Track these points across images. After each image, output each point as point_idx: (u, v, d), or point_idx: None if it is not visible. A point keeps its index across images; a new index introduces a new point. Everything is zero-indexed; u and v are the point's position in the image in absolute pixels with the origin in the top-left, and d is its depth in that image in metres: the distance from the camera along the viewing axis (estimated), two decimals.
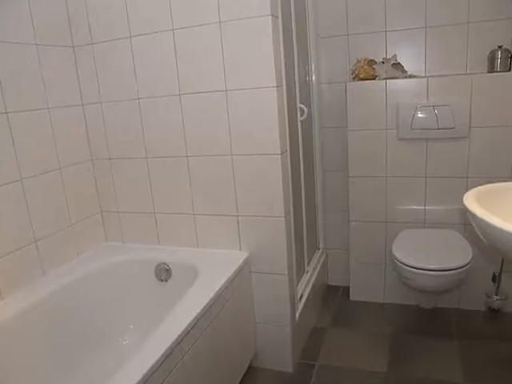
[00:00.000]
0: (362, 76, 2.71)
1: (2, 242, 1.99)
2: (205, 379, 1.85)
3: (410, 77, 2.69)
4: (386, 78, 2.68)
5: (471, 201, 1.45)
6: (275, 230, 2.21)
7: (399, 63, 2.70)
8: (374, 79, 2.71)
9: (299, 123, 2.54)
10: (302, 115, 2.53)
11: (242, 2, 1.97)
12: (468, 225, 2.69)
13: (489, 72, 2.56)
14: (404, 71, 2.71)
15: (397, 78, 2.67)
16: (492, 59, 2.53)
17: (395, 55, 2.71)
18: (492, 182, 1.65)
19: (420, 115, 2.62)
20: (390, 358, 2.44)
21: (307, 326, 2.70)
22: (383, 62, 2.71)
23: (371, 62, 2.72)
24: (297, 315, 2.43)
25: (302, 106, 2.52)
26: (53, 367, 2.02)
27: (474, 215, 1.37)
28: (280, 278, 2.27)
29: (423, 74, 2.73)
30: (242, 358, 2.28)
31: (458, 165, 2.65)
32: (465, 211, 1.46)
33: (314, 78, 2.89)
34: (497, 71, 2.52)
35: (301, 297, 2.58)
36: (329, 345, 2.60)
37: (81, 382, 2.06)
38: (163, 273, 2.34)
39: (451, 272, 2.28)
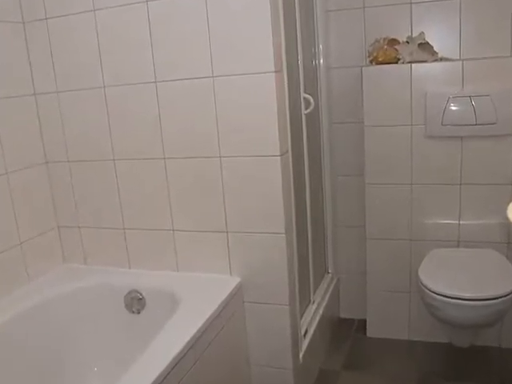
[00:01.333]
0: (381, 59, 2.74)
1: None
2: None
3: (441, 60, 2.72)
4: (411, 62, 2.71)
5: None
6: (274, 249, 2.22)
7: (427, 43, 2.73)
8: (396, 63, 2.74)
9: (304, 117, 2.57)
10: (307, 107, 2.56)
11: None
12: None
13: None
14: (433, 53, 2.73)
15: (424, 61, 2.70)
16: None
17: (422, 33, 2.75)
18: None
19: (453, 107, 2.65)
20: None
21: (313, 368, 2.72)
22: (408, 42, 2.74)
23: (393, 42, 2.74)
24: (300, 355, 2.45)
25: (307, 96, 2.54)
26: None
27: None
28: (280, 309, 2.28)
29: (457, 57, 2.75)
30: None
31: (501, 169, 2.68)
32: (509, 226, 1.48)
33: (321, 61, 2.93)
34: None
35: (305, 333, 2.59)
36: None
37: None
38: (135, 303, 2.34)
39: (491, 302, 2.30)
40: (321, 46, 2.90)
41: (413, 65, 2.69)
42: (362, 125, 2.84)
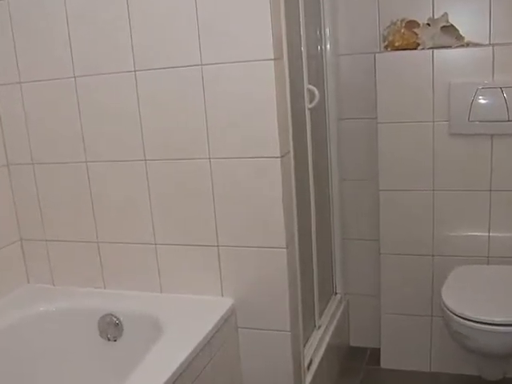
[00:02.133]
0: (398, 44, 2.75)
1: None
2: None
3: (468, 45, 2.73)
4: (432, 47, 2.72)
5: None
6: (273, 266, 2.22)
7: (452, 26, 2.74)
8: (415, 49, 2.75)
9: (308, 112, 2.57)
10: (311, 101, 2.56)
11: None
12: None
13: None
14: (459, 37, 2.74)
15: (448, 46, 2.71)
16: None
17: (446, 14, 2.75)
18: None
19: (482, 100, 2.67)
20: None
21: None
22: (429, 25, 2.75)
23: (412, 25, 2.75)
24: None
25: (311, 87, 2.54)
26: None
27: None
28: (280, 336, 2.28)
29: (487, 42, 2.76)
30: None
31: None
32: None
33: (328, 47, 2.94)
34: None
35: (310, 363, 2.59)
36: None
37: None
38: (111, 329, 2.34)
39: None
40: (327, 29, 2.92)
41: (435, 51, 2.70)
42: (375, 121, 2.85)
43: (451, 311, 2.43)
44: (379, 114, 2.82)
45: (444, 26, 2.72)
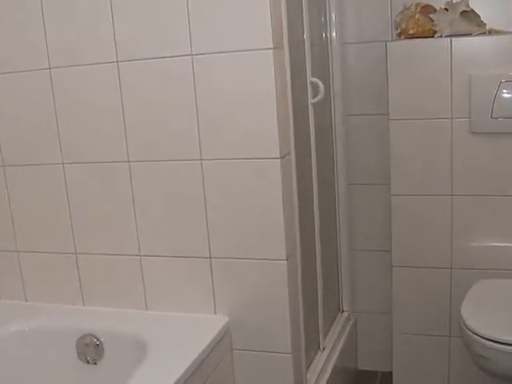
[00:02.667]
0: (412, 32, 2.75)
1: None
2: None
3: (490, 33, 2.72)
4: (451, 35, 2.71)
5: None
6: (272, 280, 2.22)
7: (472, 11, 2.73)
8: (431, 37, 2.74)
9: (311, 108, 2.56)
10: (315, 95, 2.54)
11: None
12: None
13: None
14: (480, 24, 2.73)
15: (469, 34, 2.70)
16: None
17: None
18: None
19: (506, 95, 2.66)
20: None
21: None
22: (447, 10, 2.74)
23: (427, 10, 2.75)
24: None
25: (315, 80, 2.53)
26: None
27: None
28: (280, 359, 2.28)
29: (511, 29, 2.75)
30: None
31: None
32: None
33: (334, 35, 2.93)
34: None
35: None
36: None
37: None
38: (90, 350, 2.34)
39: None
40: (333, 15, 2.91)
41: (453, 39, 2.68)
42: (386, 118, 2.85)
43: (472, 331, 2.40)
44: (391, 109, 2.80)
45: (464, 12, 2.71)
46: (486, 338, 2.34)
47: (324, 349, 2.83)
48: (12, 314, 2.49)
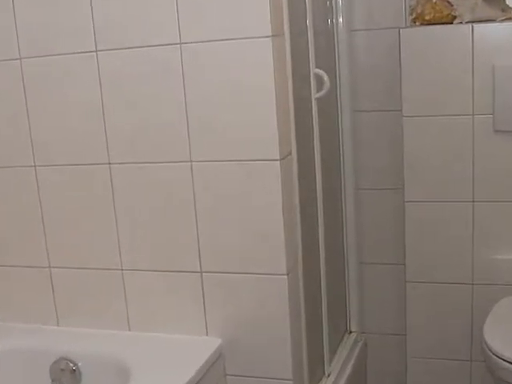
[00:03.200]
0: (428, 17, 2.75)
1: None
2: None
3: None
4: (472, 21, 2.70)
5: None
6: (270, 297, 2.21)
7: None
8: (450, 23, 2.74)
9: (315, 103, 2.53)
10: (319, 89, 2.53)
11: None
12: None
13: None
14: (505, 8, 2.73)
15: (492, 20, 2.70)
16: None
17: None
18: None
19: None
20: None
21: None
22: None
23: None
24: None
25: (319, 71, 2.51)
26: None
27: None
28: None
29: None
30: None
31: None
32: None
33: (341, 21, 2.92)
34: None
35: None
36: None
37: None
38: (66, 376, 2.32)
39: None
40: None
41: (475, 25, 2.69)
42: (399, 114, 2.85)
43: (496, 354, 2.38)
44: (405, 105, 2.80)
45: None
46: (509, 361, 2.32)
47: (329, 375, 2.78)
48: None
